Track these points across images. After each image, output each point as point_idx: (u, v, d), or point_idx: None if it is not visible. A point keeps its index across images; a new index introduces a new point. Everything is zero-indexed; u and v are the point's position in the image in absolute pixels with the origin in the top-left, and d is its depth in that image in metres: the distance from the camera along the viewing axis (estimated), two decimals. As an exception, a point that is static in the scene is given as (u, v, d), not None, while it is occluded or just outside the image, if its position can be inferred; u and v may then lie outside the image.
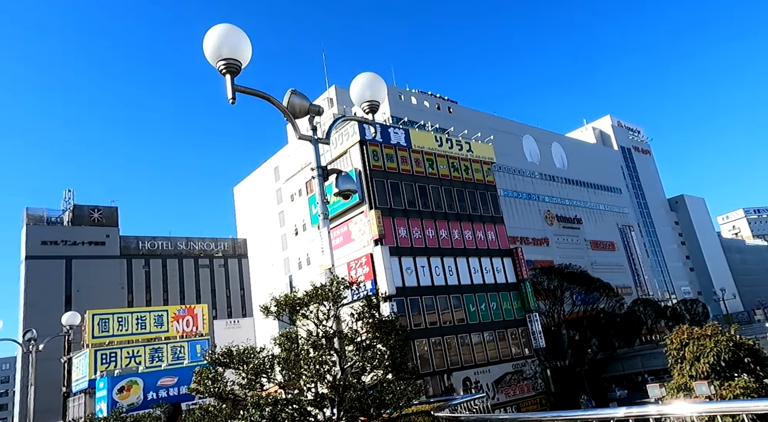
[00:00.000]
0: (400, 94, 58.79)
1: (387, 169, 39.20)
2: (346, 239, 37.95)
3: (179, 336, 42.77)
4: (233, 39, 6.05)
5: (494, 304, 40.68)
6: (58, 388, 47.77)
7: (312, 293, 5.66)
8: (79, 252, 75.80)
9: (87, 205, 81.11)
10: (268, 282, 65.18)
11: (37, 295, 69.92)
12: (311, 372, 5.12)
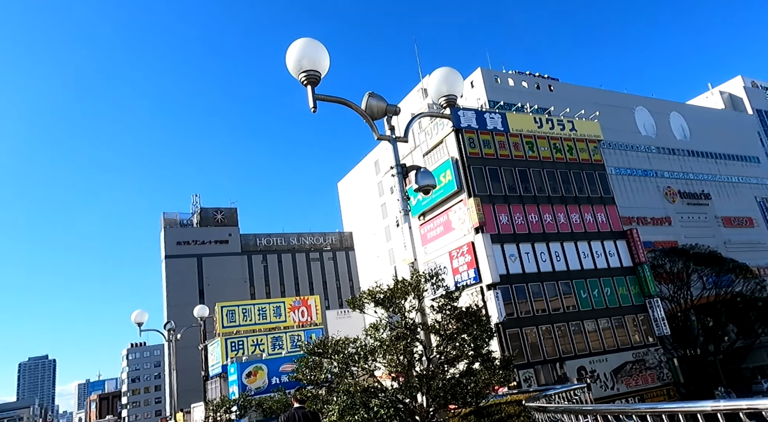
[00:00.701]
0: (495, 77, 57.13)
1: (484, 155, 38.46)
2: (446, 229, 37.98)
3: (296, 325, 45.83)
4: (312, 52, 6.48)
5: (608, 289, 38.32)
6: (199, 372, 53.77)
7: (394, 288, 5.95)
8: (207, 251, 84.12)
9: (211, 207, 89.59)
10: (374, 273, 67.32)
11: (176, 290, 78.90)
12: (395, 362, 5.42)
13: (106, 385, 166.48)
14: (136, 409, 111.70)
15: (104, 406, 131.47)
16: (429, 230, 39.43)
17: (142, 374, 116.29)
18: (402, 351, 5.54)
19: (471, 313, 6.00)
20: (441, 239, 37.89)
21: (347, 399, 5.21)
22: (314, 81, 6.47)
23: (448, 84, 7.28)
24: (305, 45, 6.46)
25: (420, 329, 5.71)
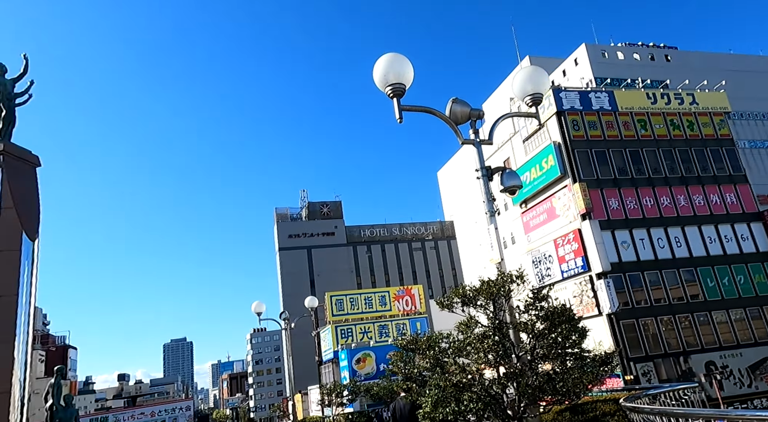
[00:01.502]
0: (602, 51, 53.35)
1: (590, 137, 36.37)
2: (550, 216, 36.63)
3: (401, 314, 47.04)
4: (397, 66, 6.87)
5: (741, 278, 34.54)
6: (313, 356, 57.43)
7: (479, 288, 6.17)
8: (315, 243, 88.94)
9: (318, 201, 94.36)
10: (476, 262, 66.72)
11: (289, 279, 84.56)
12: (482, 359, 5.65)
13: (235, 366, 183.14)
14: (260, 389, 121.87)
15: (234, 385, 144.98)
16: (531, 217, 38.30)
17: (264, 357, 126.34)
18: (489, 348, 5.77)
19: (559, 312, 6.05)
20: (544, 226, 36.64)
21: (438, 392, 5.58)
22: (399, 93, 6.86)
23: (533, 83, 7.29)
24: (390, 60, 6.87)
25: (507, 327, 5.89)
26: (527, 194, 38.10)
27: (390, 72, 6.88)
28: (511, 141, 41.70)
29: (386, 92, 6.94)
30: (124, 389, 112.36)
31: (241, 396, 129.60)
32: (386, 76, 6.90)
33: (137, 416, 33.86)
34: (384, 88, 6.96)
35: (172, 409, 33.84)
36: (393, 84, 6.85)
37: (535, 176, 37.60)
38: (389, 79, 6.89)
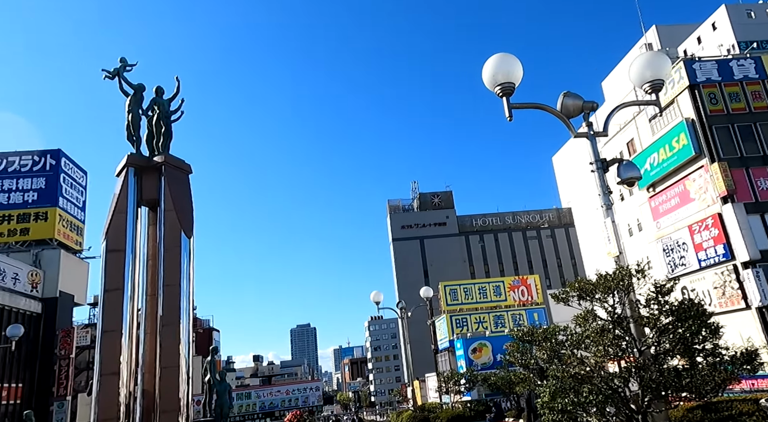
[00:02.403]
0: (747, 11, 47.05)
1: (731, 111, 32.45)
2: (683, 200, 33.44)
3: (516, 304, 46.13)
4: (505, 66, 7.04)
5: None
6: (429, 344, 58.52)
7: (596, 282, 6.12)
8: (427, 233, 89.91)
9: (429, 192, 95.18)
10: (598, 250, 62.88)
11: (403, 269, 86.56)
12: (602, 352, 5.62)
13: (354, 351, 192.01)
14: (379, 374, 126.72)
15: (355, 369, 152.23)
16: (661, 202, 35.26)
17: (382, 343, 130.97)
18: (609, 342, 5.76)
19: (685, 308, 5.80)
20: (677, 212, 33.54)
21: (557, 383, 5.70)
22: (509, 92, 7.04)
23: (653, 69, 7.01)
24: (498, 61, 7.06)
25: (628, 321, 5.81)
26: (655, 177, 35.17)
27: (498, 72, 7.06)
28: (635, 121, 38.66)
29: (495, 92, 7.14)
30: (258, 369, 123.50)
31: (362, 381, 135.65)
32: (495, 76, 7.10)
33: (274, 393, 37.38)
34: (493, 88, 7.16)
35: (304, 389, 36.89)
36: (502, 84, 7.03)
37: (664, 157, 34.53)
38: (498, 79, 7.08)
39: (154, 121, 15.10)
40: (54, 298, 36.07)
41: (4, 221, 37.73)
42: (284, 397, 36.30)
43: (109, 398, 12.71)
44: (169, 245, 13.86)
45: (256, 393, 37.34)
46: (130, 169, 14.28)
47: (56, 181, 39.41)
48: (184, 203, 14.58)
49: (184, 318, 13.53)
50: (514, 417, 18.76)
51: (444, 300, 46.65)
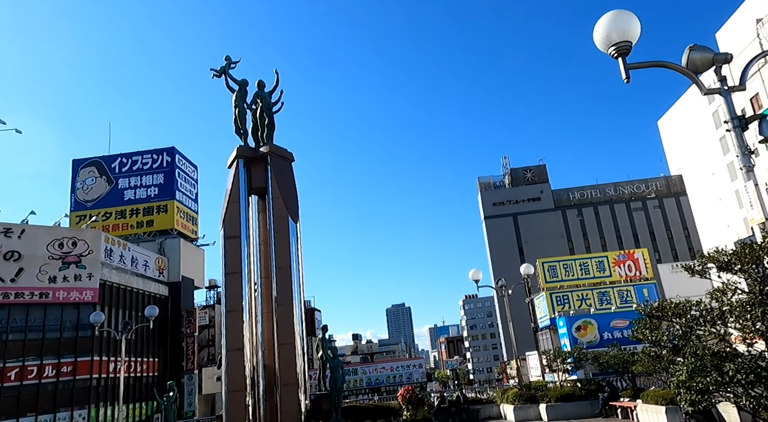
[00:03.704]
0: None
1: None
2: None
3: (622, 280, 43.50)
4: (621, 24, 6.51)
5: None
6: (527, 322, 57.17)
7: (740, 252, 5.51)
8: (520, 209, 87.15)
9: (520, 167, 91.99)
10: (717, 219, 57.23)
11: (497, 247, 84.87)
12: (750, 328, 5.08)
13: (450, 330, 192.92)
14: (477, 352, 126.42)
15: (451, 347, 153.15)
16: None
17: (478, 322, 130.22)
18: (759, 317, 5.20)
19: None
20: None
21: (695, 361, 5.28)
22: (625, 52, 6.52)
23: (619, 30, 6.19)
24: (612, 19, 6.55)
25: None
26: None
27: (613, 31, 6.55)
28: (759, 73, 34.42)
29: (609, 53, 6.65)
30: (358, 347, 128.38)
31: (459, 359, 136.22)
32: (608, 36, 6.61)
33: (379, 370, 38.78)
34: (607, 49, 6.67)
35: (407, 366, 37.85)
36: (617, 43, 6.52)
37: None
38: (612, 39, 6.58)
39: (258, 113, 15.98)
40: (177, 282, 39.93)
41: (134, 215, 42.22)
42: (389, 373, 37.51)
43: (236, 371, 13.94)
44: (279, 229, 14.75)
45: (362, 370, 38.96)
46: (239, 160, 15.31)
47: (172, 176, 43.25)
48: (290, 190, 15.39)
49: (296, 298, 14.40)
50: (630, 397, 17.85)
51: (542, 278, 45.14)
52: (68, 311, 30.37)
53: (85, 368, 30.16)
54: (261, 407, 13.84)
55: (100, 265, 31.82)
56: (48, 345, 29.28)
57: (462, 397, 23.47)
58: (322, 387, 15.81)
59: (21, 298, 28.71)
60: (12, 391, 27.49)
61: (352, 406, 16.46)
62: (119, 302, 33.81)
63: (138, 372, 34.12)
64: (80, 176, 43.61)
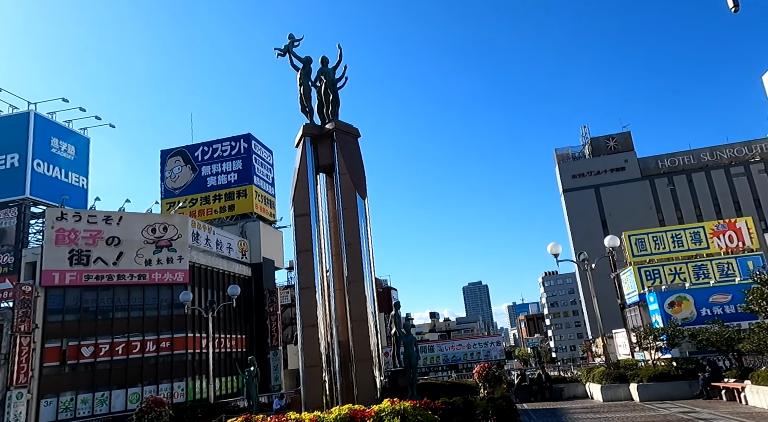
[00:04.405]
0: None
1: None
2: None
3: (723, 252, 39.83)
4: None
5: None
6: (613, 300, 54.13)
7: None
8: (603, 180, 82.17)
9: (602, 136, 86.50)
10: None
11: (578, 221, 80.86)
12: None
13: (530, 308, 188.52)
14: (558, 330, 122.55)
15: (531, 325, 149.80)
16: None
17: (559, 299, 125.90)
18: None
19: None
20: None
21: None
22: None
23: None
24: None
25: None
26: None
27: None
28: None
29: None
30: (435, 325, 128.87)
31: (540, 337, 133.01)
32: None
33: (456, 347, 38.50)
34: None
35: (485, 343, 37.30)
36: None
37: None
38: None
39: (323, 90, 15.87)
40: (259, 263, 41.72)
41: (216, 200, 44.48)
42: (466, 351, 37.14)
43: (311, 347, 14.18)
44: (347, 205, 14.67)
45: (438, 347, 38.91)
46: (306, 138, 15.34)
47: (250, 162, 44.94)
48: (356, 166, 15.23)
49: (366, 275, 14.31)
50: (736, 377, 16.20)
51: (629, 251, 42.34)
52: (163, 291, 32.67)
53: (181, 343, 32.44)
54: (337, 382, 14.02)
55: (189, 248, 33.83)
56: (148, 323, 31.75)
57: (544, 375, 22.61)
58: (397, 364, 15.76)
59: (122, 280, 31.25)
60: (120, 364, 30.18)
61: (428, 383, 16.30)
62: (207, 282, 35.89)
63: (227, 347, 36.23)
64: (168, 166, 46.48)
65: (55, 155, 35.77)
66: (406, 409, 11.71)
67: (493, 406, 11.95)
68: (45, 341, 28.16)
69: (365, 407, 12.27)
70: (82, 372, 29.01)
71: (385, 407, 11.91)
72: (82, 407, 28.26)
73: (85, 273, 30.03)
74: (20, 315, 27.16)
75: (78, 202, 36.01)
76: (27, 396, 26.50)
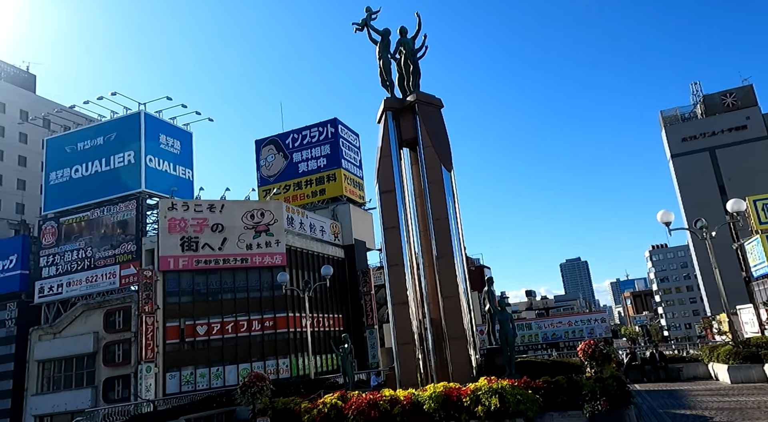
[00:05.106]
0: None
1: None
2: None
3: None
4: None
5: None
6: (736, 272, 48.62)
7: None
8: (719, 141, 73.76)
9: (716, 92, 77.48)
10: None
11: (690, 188, 73.50)
12: None
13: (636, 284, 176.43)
14: (670, 307, 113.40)
15: (638, 302, 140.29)
16: None
17: (669, 274, 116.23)
18: None
19: None
20: None
21: None
22: None
23: None
24: None
25: None
26: None
27: None
28: None
29: None
30: (532, 304, 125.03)
31: (649, 314, 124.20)
32: None
33: (556, 324, 36.84)
34: None
35: (588, 320, 35.18)
36: None
37: None
38: None
39: (402, 61, 15.38)
40: (351, 245, 42.62)
41: (308, 185, 45.97)
42: (567, 328, 35.31)
43: (403, 325, 14.04)
44: (432, 179, 14.19)
45: (537, 324, 37.39)
46: (388, 113, 15.00)
47: (337, 146, 45.77)
48: (440, 138, 14.65)
49: (456, 250, 13.81)
50: None
51: (755, 218, 37.69)
52: (264, 274, 34.49)
53: (283, 323, 34.17)
54: (431, 360, 13.78)
55: (285, 232, 35.31)
56: (252, 303, 33.76)
57: (658, 354, 20.80)
58: (492, 342, 15.18)
59: (227, 263, 33.40)
60: (231, 342, 32.48)
61: (526, 361, 15.56)
62: (303, 264, 37.33)
63: (325, 326, 37.62)
64: (262, 155, 48.73)
65: (164, 150, 38.76)
66: (504, 388, 11.19)
67: (602, 386, 11.04)
68: (166, 320, 30.94)
69: (461, 385, 11.91)
70: (199, 348, 31.57)
71: (481, 385, 11.47)
72: (201, 380, 30.83)
73: (195, 258, 32.43)
74: (144, 297, 30.03)
75: (185, 193, 38.87)
76: (155, 369, 29.35)
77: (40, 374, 34.44)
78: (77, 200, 37.13)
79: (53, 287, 35.64)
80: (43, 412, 33.30)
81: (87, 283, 34.60)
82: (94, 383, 32.47)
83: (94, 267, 34.69)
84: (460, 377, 12.81)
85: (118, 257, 34.21)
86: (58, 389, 33.69)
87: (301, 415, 12.46)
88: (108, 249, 34.64)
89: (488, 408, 10.89)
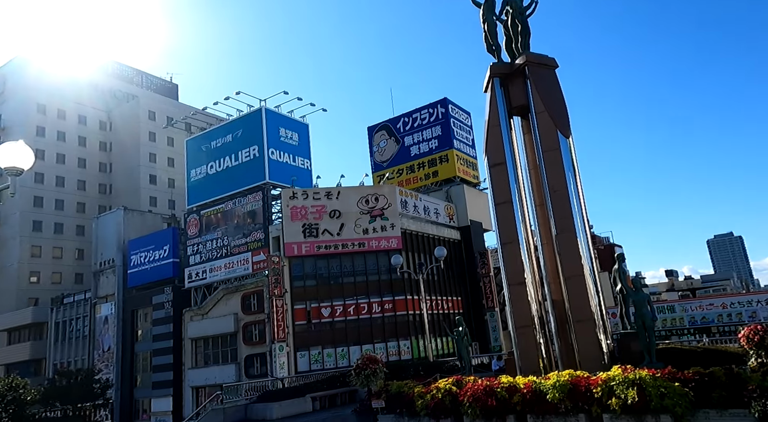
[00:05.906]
0: None
1: None
2: None
3: None
4: None
5: None
6: None
7: None
8: None
9: None
10: None
11: None
12: None
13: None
14: None
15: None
16: None
17: None
18: None
19: None
20: None
21: None
22: None
23: None
24: None
25: None
26: None
27: None
28: None
29: None
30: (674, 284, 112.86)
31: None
32: None
33: (705, 307, 32.45)
34: None
35: (749, 302, 30.42)
36: None
37: None
38: None
39: (510, 22, 14.10)
40: (466, 226, 41.60)
41: (420, 168, 45.70)
42: (720, 311, 30.83)
43: (521, 306, 13.03)
44: (548, 148, 12.85)
45: (681, 307, 33.24)
46: (495, 79, 13.88)
47: (448, 126, 44.80)
48: (555, 101, 13.21)
49: (578, 224, 12.40)
50: None
51: None
52: (381, 257, 35.01)
53: (402, 305, 34.46)
54: (554, 345, 12.62)
55: (399, 216, 35.43)
56: (371, 286, 34.51)
57: None
58: (626, 325, 13.50)
59: (346, 248, 34.43)
60: (353, 323, 33.58)
61: (670, 348, 13.63)
62: (418, 247, 37.21)
63: (444, 309, 37.24)
64: (374, 140, 49.42)
65: (283, 142, 40.94)
66: (643, 379, 9.78)
67: (772, 381, 9.14)
68: (293, 303, 32.86)
69: (590, 374, 10.69)
70: (324, 330, 33.08)
71: (615, 375, 10.17)
72: (328, 360, 32.32)
73: (316, 244, 33.89)
74: (273, 281, 32.12)
75: (304, 182, 40.77)
76: (286, 348, 31.36)
77: (193, 350, 38.73)
78: (213, 193, 40.79)
79: (198, 273, 39.71)
80: (197, 384, 37.47)
81: (225, 269, 37.97)
82: (237, 360, 35.69)
83: (230, 255, 37.92)
84: (588, 364, 11.54)
85: (250, 245, 36.96)
86: (208, 364, 37.63)
87: (414, 400, 12.16)
88: (241, 238, 37.59)
89: (624, 401, 9.60)
